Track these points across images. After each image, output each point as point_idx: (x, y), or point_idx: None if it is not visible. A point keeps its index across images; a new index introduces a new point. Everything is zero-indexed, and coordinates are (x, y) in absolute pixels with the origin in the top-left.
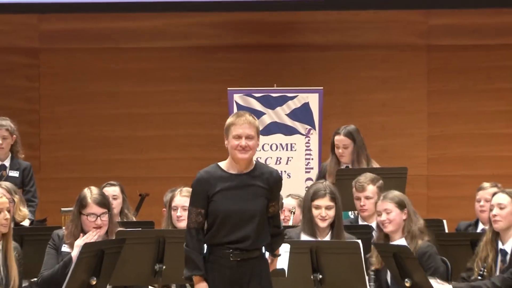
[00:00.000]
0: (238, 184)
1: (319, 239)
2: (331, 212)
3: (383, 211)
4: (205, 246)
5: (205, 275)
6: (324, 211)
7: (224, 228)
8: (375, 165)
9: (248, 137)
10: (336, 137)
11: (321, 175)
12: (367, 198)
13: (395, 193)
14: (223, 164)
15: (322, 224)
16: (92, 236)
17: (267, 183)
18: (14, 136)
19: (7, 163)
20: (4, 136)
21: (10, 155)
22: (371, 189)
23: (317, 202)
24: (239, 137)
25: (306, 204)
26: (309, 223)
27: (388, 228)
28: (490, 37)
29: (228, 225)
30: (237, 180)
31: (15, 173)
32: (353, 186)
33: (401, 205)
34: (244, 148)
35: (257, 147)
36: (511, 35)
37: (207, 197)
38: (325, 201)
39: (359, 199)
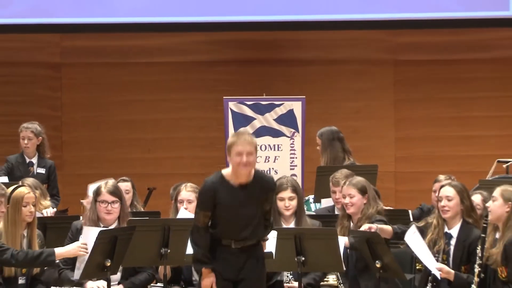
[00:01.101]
0: (239, 194)
1: (284, 226)
2: (294, 202)
3: (347, 195)
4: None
5: (212, 266)
6: (287, 201)
7: (228, 229)
8: (348, 162)
9: (248, 154)
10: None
11: None
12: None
13: (359, 180)
14: (226, 175)
15: (287, 213)
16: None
17: (265, 191)
18: (40, 138)
19: (34, 160)
20: (30, 137)
21: (37, 154)
22: (353, 190)
23: (280, 195)
24: (240, 154)
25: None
26: (273, 213)
27: (350, 210)
28: (448, 53)
29: (231, 227)
30: (239, 191)
31: (42, 170)
32: (330, 181)
33: (363, 191)
34: (246, 164)
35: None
36: (466, 51)
37: (213, 202)
38: (287, 193)
39: (334, 192)
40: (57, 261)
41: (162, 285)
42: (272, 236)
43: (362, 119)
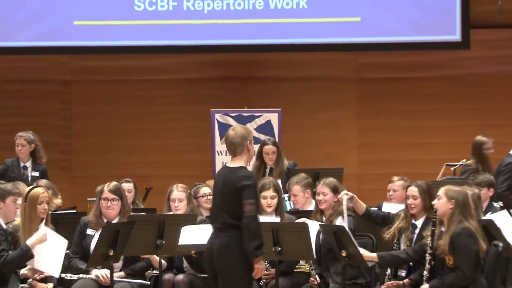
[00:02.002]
0: None
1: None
2: (275, 200)
3: (321, 193)
4: None
5: None
6: (269, 200)
7: None
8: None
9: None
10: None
11: None
12: (295, 195)
13: (332, 180)
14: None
15: (269, 210)
16: None
17: None
18: (33, 145)
19: (28, 164)
20: (23, 144)
21: (31, 159)
22: (296, 188)
23: (263, 194)
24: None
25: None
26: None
27: (323, 206)
28: (404, 71)
29: None
30: None
31: (36, 173)
32: (287, 186)
33: (335, 190)
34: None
35: None
36: (419, 70)
37: None
38: (269, 193)
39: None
40: (67, 251)
41: (158, 272)
42: None
43: (329, 128)
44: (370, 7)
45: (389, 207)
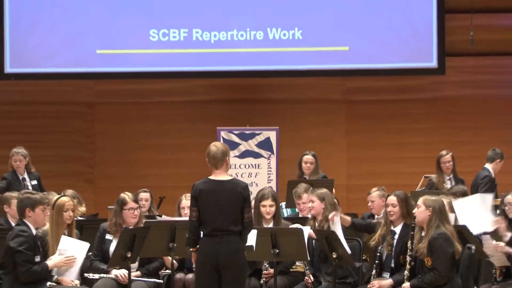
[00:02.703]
0: None
1: (265, 226)
2: (273, 209)
3: (310, 201)
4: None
5: None
6: (268, 208)
7: None
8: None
9: None
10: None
11: None
12: (304, 203)
13: (320, 190)
14: None
15: (267, 216)
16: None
17: None
18: (27, 159)
19: (25, 176)
20: (20, 159)
21: (25, 171)
22: (305, 196)
23: (263, 203)
24: None
25: (256, 204)
26: (257, 217)
27: (312, 212)
28: (388, 94)
29: None
30: None
31: (34, 182)
32: (293, 195)
33: (322, 199)
34: None
35: None
36: (402, 93)
37: None
38: (268, 202)
39: (298, 204)
40: (90, 253)
41: (170, 272)
42: (253, 233)
43: (321, 144)
44: (357, 37)
45: None
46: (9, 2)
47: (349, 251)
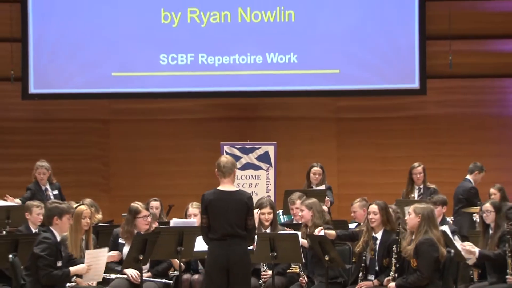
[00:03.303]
0: None
1: (263, 231)
2: (271, 216)
3: (300, 210)
4: None
5: None
6: (266, 215)
7: None
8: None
9: None
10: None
11: None
12: (297, 208)
13: (309, 200)
14: None
15: (266, 223)
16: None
17: None
18: (49, 171)
19: (47, 186)
20: (44, 172)
21: (48, 183)
22: (298, 202)
23: (262, 211)
24: None
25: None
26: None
27: (302, 220)
28: (374, 112)
29: None
30: None
31: (55, 192)
32: (288, 201)
33: (309, 208)
34: None
35: None
36: (386, 111)
37: None
38: (267, 210)
39: (292, 209)
40: None
41: (178, 273)
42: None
43: (314, 158)
44: (347, 61)
45: None
46: (33, 29)
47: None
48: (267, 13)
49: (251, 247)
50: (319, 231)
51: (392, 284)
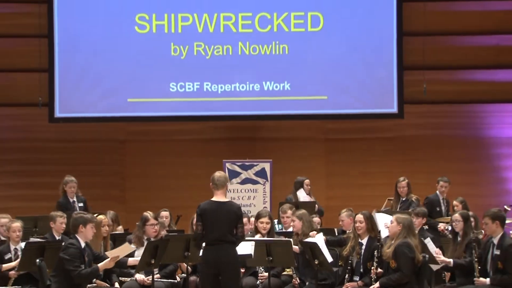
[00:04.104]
0: None
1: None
2: (268, 225)
3: (292, 221)
4: None
5: None
6: (265, 224)
7: None
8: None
9: None
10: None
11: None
12: (287, 217)
13: (299, 211)
14: None
15: (264, 231)
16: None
17: None
18: (77, 185)
19: (74, 199)
20: (74, 186)
21: (75, 195)
22: (290, 212)
23: (260, 220)
24: None
25: (254, 220)
26: (255, 231)
27: (294, 230)
28: (357, 134)
29: None
30: None
31: (81, 204)
32: (280, 210)
33: (300, 218)
34: None
35: None
36: (367, 133)
37: None
38: (265, 219)
39: (283, 217)
40: None
41: (185, 275)
42: (251, 244)
43: (305, 173)
44: (334, 89)
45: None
46: (58, 61)
47: (330, 259)
48: (264, 47)
49: (249, 252)
50: (315, 235)
51: (376, 284)
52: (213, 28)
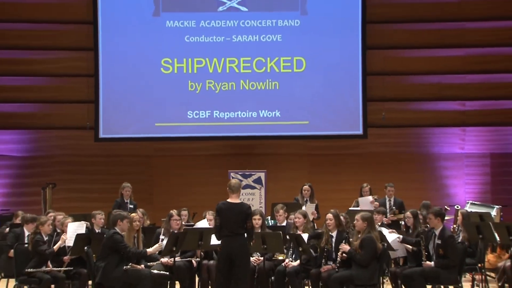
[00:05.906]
0: None
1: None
2: (260, 221)
3: (297, 217)
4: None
5: None
6: (257, 220)
7: None
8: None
9: None
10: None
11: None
12: (280, 215)
13: (302, 210)
14: None
15: (257, 226)
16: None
17: None
18: (131, 190)
19: (128, 201)
20: (128, 190)
21: (129, 198)
22: (282, 211)
23: (254, 217)
24: None
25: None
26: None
27: (297, 225)
28: (334, 150)
29: None
30: None
31: (131, 206)
32: (274, 210)
33: (304, 216)
34: None
35: None
36: (340, 150)
37: None
38: (257, 217)
39: (276, 215)
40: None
41: (199, 259)
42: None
43: (293, 182)
44: (314, 115)
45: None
46: (102, 94)
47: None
48: (260, 83)
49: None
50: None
51: (346, 247)
52: (221, 69)
